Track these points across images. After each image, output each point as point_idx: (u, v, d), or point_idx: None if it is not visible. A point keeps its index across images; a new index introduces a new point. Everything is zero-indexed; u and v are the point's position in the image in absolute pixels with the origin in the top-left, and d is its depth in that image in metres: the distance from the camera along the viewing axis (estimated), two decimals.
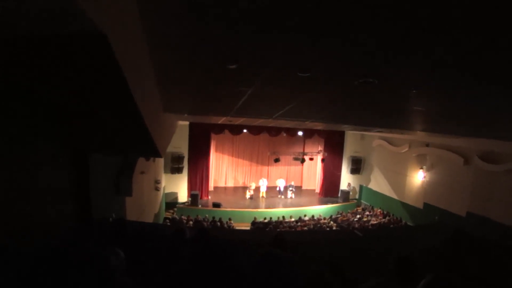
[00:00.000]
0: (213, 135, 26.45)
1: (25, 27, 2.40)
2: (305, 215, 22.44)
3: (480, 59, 3.55)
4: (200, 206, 24.08)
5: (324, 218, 22.28)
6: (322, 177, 29.64)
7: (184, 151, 24.94)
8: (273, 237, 4.86)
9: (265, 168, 31.71)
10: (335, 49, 3.77)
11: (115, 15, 2.64)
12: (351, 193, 28.76)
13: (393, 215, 22.77)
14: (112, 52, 2.76)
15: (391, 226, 20.62)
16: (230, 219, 20.54)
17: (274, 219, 21.20)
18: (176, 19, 3.13)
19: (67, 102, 4.47)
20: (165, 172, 23.92)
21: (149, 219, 16.76)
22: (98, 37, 2.50)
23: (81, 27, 2.34)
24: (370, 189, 27.82)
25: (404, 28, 2.91)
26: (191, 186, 25.65)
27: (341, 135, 28.74)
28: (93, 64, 3.14)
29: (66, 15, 2.16)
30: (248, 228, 19.77)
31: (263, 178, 29.04)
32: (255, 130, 25.15)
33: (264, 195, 28.09)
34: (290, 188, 28.51)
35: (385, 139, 25.16)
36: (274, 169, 31.37)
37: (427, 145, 21.24)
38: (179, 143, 23.94)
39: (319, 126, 20.64)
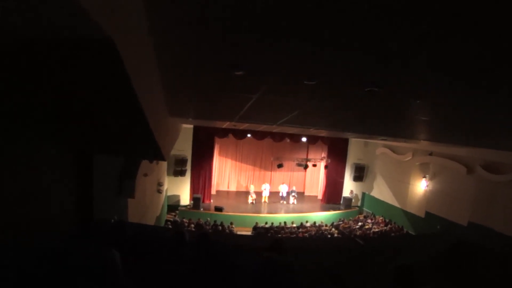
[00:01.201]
0: (217, 139, 26.49)
1: (32, 31, 2.42)
2: (306, 221, 22.41)
3: (487, 69, 3.56)
4: (202, 209, 24.05)
5: (326, 225, 22.25)
6: (324, 184, 29.61)
7: (188, 154, 24.97)
8: (272, 242, 4.86)
9: (268, 173, 31.68)
10: (342, 58, 3.79)
11: (123, 21, 2.67)
12: (353, 200, 28.74)
13: (395, 223, 22.74)
14: (119, 57, 2.78)
15: (393, 234, 20.59)
16: (231, 223, 20.54)
17: (276, 224, 21.19)
18: (183, 26, 3.16)
19: (73, 104, 4.50)
20: (168, 174, 23.95)
21: (151, 221, 16.78)
22: (105, 42, 2.52)
23: (88, 32, 2.36)
24: (373, 197, 27.77)
25: (410, 39, 2.93)
26: (193, 189, 25.66)
27: (345, 142, 28.75)
28: (100, 69, 3.17)
29: (73, 21, 2.19)
30: (250, 233, 19.78)
31: (266, 183, 29.02)
32: (259, 135, 25.14)
33: (267, 200, 28.10)
34: (293, 194, 28.50)
35: (388, 147, 25.13)
36: (277, 174, 31.32)
37: (431, 154, 21.22)
38: (183, 146, 23.92)
39: (323, 133, 20.65)
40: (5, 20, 2.19)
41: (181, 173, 24.61)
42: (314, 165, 27.47)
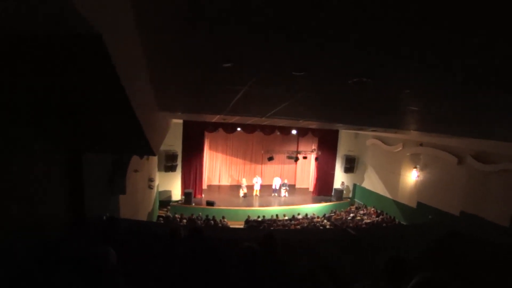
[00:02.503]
0: (207, 133, 26.42)
1: (19, 26, 2.38)
2: (298, 214, 22.49)
3: (474, 60, 3.56)
4: (193, 204, 24.11)
5: (318, 217, 22.35)
6: (315, 176, 29.74)
7: (178, 149, 24.93)
8: (264, 236, 4.86)
9: (259, 166, 31.74)
10: (330, 49, 3.77)
11: (110, 15, 2.63)
12: (344, 191, 28.87)
13: (386, 214, 22.86)
14: (107, 52, 2.75)
15: (385, 225, 20.68)
16: (223, 217, 20.55)
17: (268, 217, 21.23)
18: (170, 18, 3.13)
19: (60, 101, 4.45)
20: (159, 170, 23.91)
21: (143, 217, 16.76)
22: (92, 37, 2.49)
23: (76, 27, 2.33)
24: (364, 188, 27.89)
25: (398, 29, 2.91)
26: (184, 184, 25.67)
27: (335, 133, 28.83)
28: (87, 63, 3.13)
29: (61, 16, 2.15)
30: (242, 226, 19.80)
31: (257, 176, 29.06)
32: (249, 129, 25.16)
33: (258, 193, 28.15)
34: (284, 187, 28.58)
35: (379, 138, 25.23)
36: (268, 167, 31.39)
37: (421, 145, 21.31)
38: (173, 141, 23.90)
39: (313, 124, 20.64)
40: None
41: (172, 168, 24.59)
42: (305, 158, 27.64)
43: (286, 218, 21.44)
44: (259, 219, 20.74)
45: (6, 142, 4.77)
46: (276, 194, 28.72)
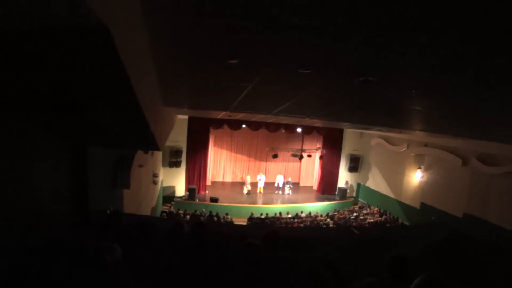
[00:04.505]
0: (212, 130, 26.53)
1: (26, 19, 2.39)
2: (302, 212, 22.47)
3: (479, 61, 3.55)
4: (197, 200, 24.11)
5: (321, 215, 22.32)
6: (319, 174, 29.72)
7: (183, 145, 24.99)
8: (267, 233, 4.87)
9: (263, 163, 31.80)
10: (337, 47, 3.77)
11: (117, 8, 2.63)
12: (348, 191, 28.83)
13: (390, 214, 22.85)
14: (114, 46, 2.75)
15: (388, 225, 20.66)
16: (227, 214, 20.57)
17: (271, 215, 21.23)
18: (177, 12, 3.13)
19: (67, 95, 4.46)
20: (163, 165, 23.98)
21: (147, 212, 16.76)
22: (100, 30, 2.49)
23: (83, 20, 2.33)
24: (368, 188, 27.88)
25: (406, 29, 2.91)
26: (189, 180, 25.72)
27: (340, 132, 28.81)
28: (94, 57, 3.13)
29: (68, 8, 2.16)
30: (245, 223, 19.81)
31: (261, 174, 29.10)
32: (254, 126, 25.14)
33: (262, 190, 28.16)
34: (288, 185, 28.58)
35: (384, 138, 25.18)
36: (272, 165, 31.43)
37: (426, 145, 21.26)
38: (178, 137, 23.93)
39: (318, 123, 20.61)
40: None
41: (176, 164, 24.65)
42: (309, 156, 27.58)
43: (290, 216, 21.43)
44: (262, 216, 20.74)
45: (11, 135, 4.78)
46: (280, 192, 28.68)
